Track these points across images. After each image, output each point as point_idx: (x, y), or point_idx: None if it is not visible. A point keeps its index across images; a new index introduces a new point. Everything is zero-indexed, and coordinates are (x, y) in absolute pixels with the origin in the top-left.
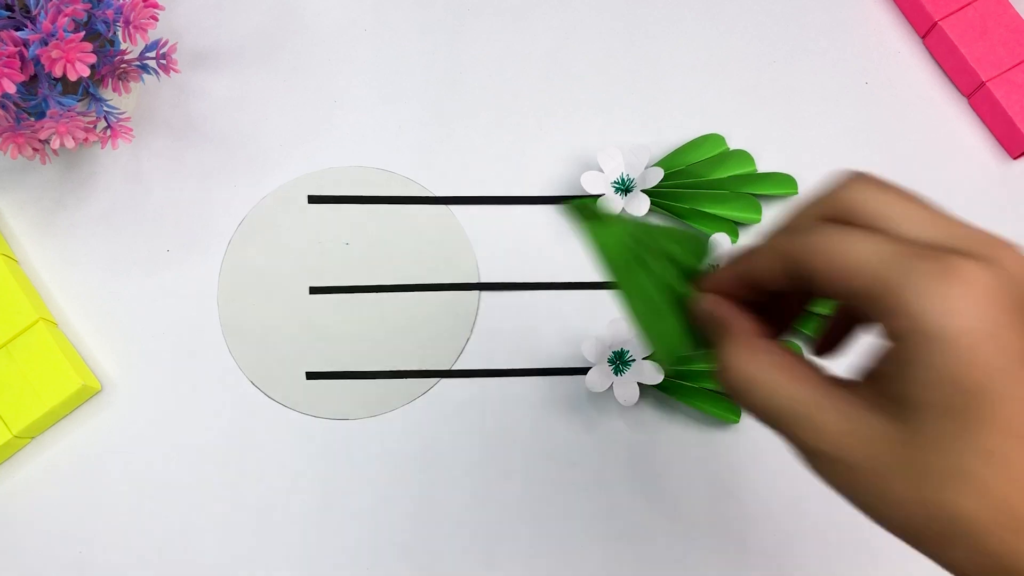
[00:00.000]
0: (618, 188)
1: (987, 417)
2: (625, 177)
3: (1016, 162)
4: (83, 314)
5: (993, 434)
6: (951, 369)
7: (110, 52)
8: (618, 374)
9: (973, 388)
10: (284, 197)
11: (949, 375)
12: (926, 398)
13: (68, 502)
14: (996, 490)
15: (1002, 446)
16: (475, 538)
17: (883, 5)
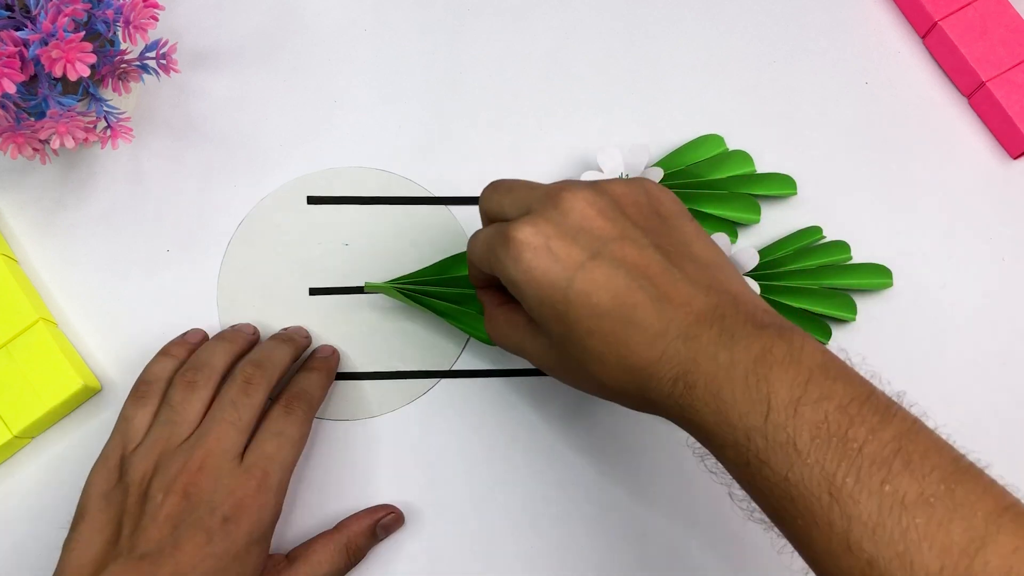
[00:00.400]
0: None
1: (571, 313)
2: (625, 177)
3: (1016, 162)
4: (83, 314)
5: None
6: (534, 297)
7: (110, 52)
8: None
9: (551, 301)
10: (284, 197)
11: (536, 302)
12: (539, 320)
13: (68, 502)
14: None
15: (597, 326)
16: (475, 538)
17: (883, 5)
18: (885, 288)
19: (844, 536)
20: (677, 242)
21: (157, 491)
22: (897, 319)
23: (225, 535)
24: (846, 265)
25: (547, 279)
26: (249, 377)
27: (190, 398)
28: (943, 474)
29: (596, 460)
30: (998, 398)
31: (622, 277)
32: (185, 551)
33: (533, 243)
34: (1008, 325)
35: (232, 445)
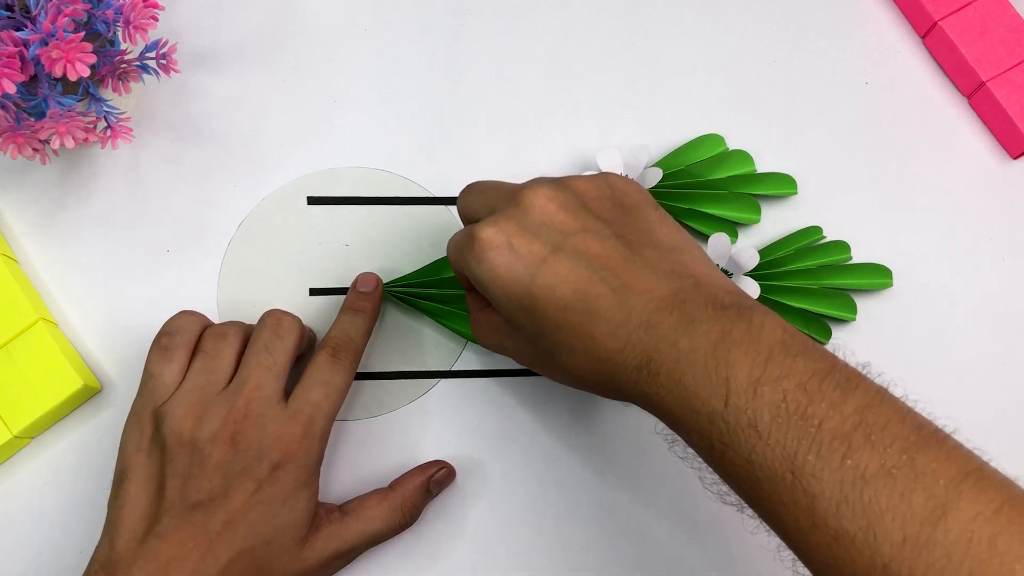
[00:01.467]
0: None
1: (537, 308)
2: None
3: (1016, 162)
4: (83, 314)
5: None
6: (501, 295)
7: (110, 52)
8: None
9: (517, 297)
10: (284, 197)
11: (504, 299)
12: (509, 317)
13: (68, 502)
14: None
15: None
16: (474, 538)
17: (883, 5)
18: (885, 288)
19: (809, 513)
20: (639, 230)
21: (204, 441)
22: (897, 319)
23: (273, 481)
24: (846, 265)
25: (511, 276)
26: (279, 319)
27: (222, 345)
28: (905, 444)
29: (596, 460)
30: (998, 398)
31: (583, 269)
32: (236, 499)
33: (495, 241)
34: (1008, 325)
35: (272, 390)
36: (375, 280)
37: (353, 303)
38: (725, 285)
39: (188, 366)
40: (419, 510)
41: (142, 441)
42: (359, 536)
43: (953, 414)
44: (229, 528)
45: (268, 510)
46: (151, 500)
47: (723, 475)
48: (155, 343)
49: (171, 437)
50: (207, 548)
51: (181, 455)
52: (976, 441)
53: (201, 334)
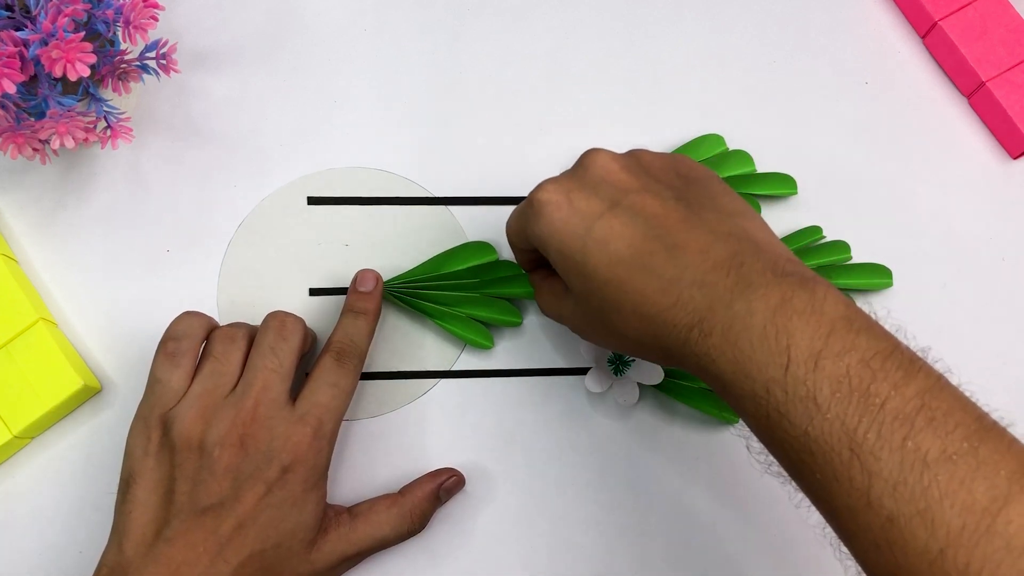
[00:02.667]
0: None
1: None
2: None
3: (1016, 162)
4: (83, 314)
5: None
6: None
7: (110, 52)
8: (618, 375)
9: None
10: (284, 198)
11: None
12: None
13: (68, 502)
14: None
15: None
16: (474, 538)
17: (883, 5)
18: (885, 288)
19: (864, 492)
20: (701, 195)
21: (213, 445)
22: (897, 319)
23: (283, 484)
24: (846, 265)
25: (567, 229)
26: (283, 321)
27: (230, 348)
28: (966, 432)
29: (596, 460)
30: (998, 398)
31: (639, 226)
32: (246, 502)
33: (554, 199)
34: (1008, 325)
35: (279, 393)
36: (375, 278)
37: (354, 304)
38: (785, 253)
39: (194, 369)
40: (428, 517)
41: (150, 445)
42: (367, 540)
43: None
44: (239, 531)
45: (278, 513)
46: (160, 504)
47: (773, 445)
48: (161, 347)
49: (180, 441)
50: (217, 552)
51: (190, 459)
52: None
53: (206, 336)
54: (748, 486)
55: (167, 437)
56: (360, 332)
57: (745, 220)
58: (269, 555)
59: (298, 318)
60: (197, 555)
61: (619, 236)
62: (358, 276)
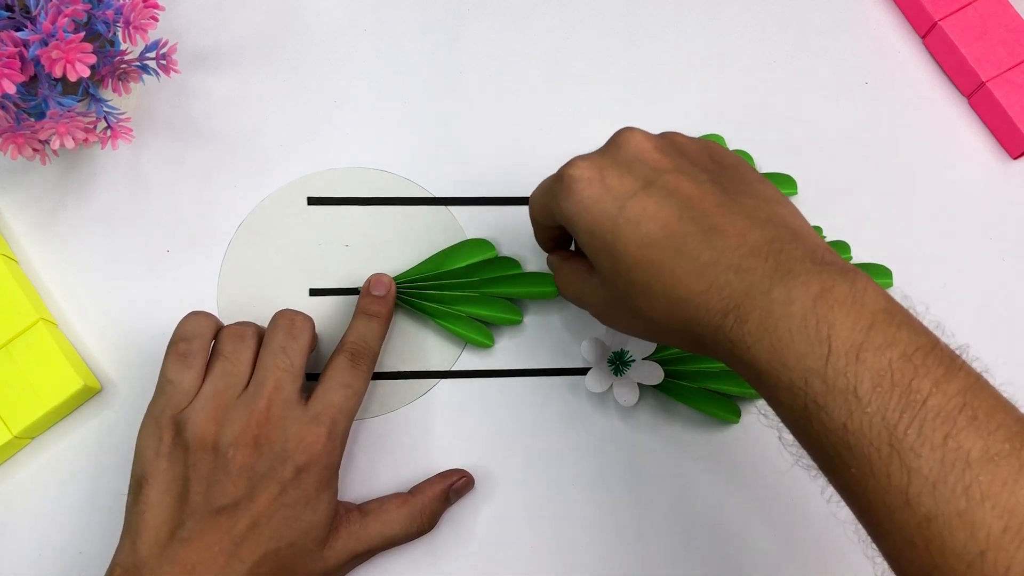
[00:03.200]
0: None
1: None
2: None
3: (1016, 162)
4: (83, 314)
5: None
6: (585, 229)
7: (110, 52)
8: (618, 374)
9: (601, 231)
10: (284, 198)
11: (587, 234)
12: (590, 254)
13: (68, 502)
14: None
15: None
16: (475, 538)
17: (883, 5)
18: (885, 288)
19: (903, 489)
20: (736, 180)
21: (227, 445)
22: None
23: (297, 484)
24: None
25: (598, 208)
26: (292, 319)
27: (240, 348)
28: (1008, 433)
29: (596, 460)
30: None
31: (674, 207)
32: (260, 502)
33: (586, 175)
34: (1008, 325)
35: (291, 392)
36: (388, 283)
37: (368, 307)
38: (822, 243)
39: (205, 369)
40: (437, 517)
41: (162, 446)
42: (377, 538)
43: None
44: (254, 531)
45: (292, 512)
46: (174, 504)
47: (807, 437)
48: (171, 348)
49: (194, 442)
50: (232, 551)
51: (204, 459)
52: None
53: (215, 335)
54: (748, 486)
55: (180, 438)
56: (373, 334)
57: (781, 207)
58: (284, 553)
59: (307, 316)
60: (212, 555)
61: (652, 216)
62: (372, 280)
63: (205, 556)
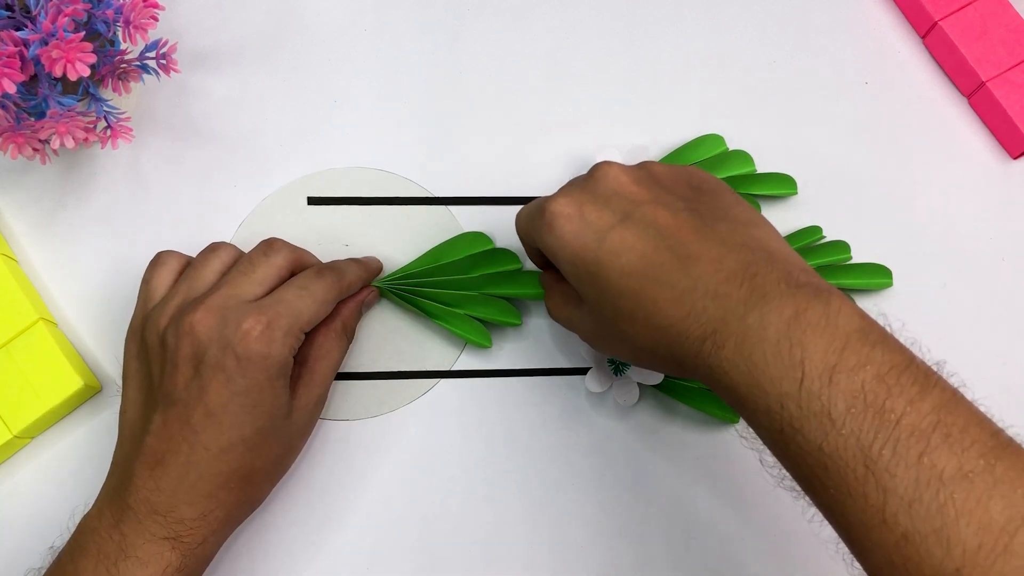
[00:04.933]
0: None
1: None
2: None
3: (1016, 162)
4: (83, 314)
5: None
6: (568, 262)
7: (110, 52)
8: (618, 375)
9: (584, 263)
10: (284, 198)
11: (571, 266)
12: (576, 285)
13: (68, 502)
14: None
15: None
16: (475, 538)
17: (883, 5)
18: (885, 288)
19: (879, 509)
20: (714, 207)
21: (171, 336)
22: (897, 319)
23: (243, 373)
24: (846, 265)
25: (579, 242)
26: (271, 241)
27: (210, 258)
28: (983, 449)
29: (596, 460)
30: (998, 398)
31: (651, 238)
32: (210, 391)
33: (566, 211)
34: (1008, 325)
35: (243, 291)
36: (379, 262)
37: (354, 257)
38: (799, 263)
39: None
40: (355, 327)
41: (134, 348)
42: (327, 373)
43: None
44: (211, 420)
45: (248, 400)
46: (143, 401)
47: (787, 460)
48: (152, 259)
49: (150, 338)
50: (194, 439)
51: (158, 353)
52: None
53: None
54: (748, 486)
55: (144, 337)
56: (349, 266)
57: (758, 230)
58: (253, 439)
59: (288, 243)
60: (176, 444)
61: (631, 248)
62: None
63: (170, 446)
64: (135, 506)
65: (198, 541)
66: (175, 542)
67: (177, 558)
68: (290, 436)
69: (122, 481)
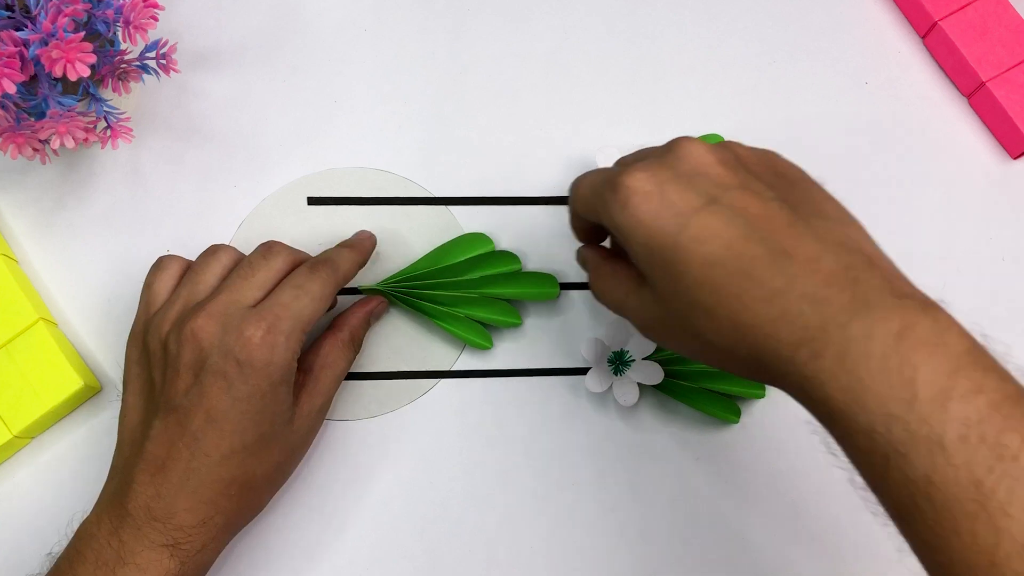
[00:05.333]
0: None
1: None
2: None
3: (1016, 162)
4: (83, 314)
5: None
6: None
7: (110, 52)
8: (618, 374)
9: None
10: (284, 198)
11: (644, 249)
12: (645, 270)
13: (68, 502)
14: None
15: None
16: (475, 538)
17: (883, 5)
18: None
19: (990, 551)
20: (805, 199)
21: (172, 343)
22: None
23: (244, 379)
24: None
25: (657, 224)
26: (270, 244)
27: (210, 261)
28: None
29: (596, 460)
30: None
31: (740, 227)
32: (210, 397)
33: (645, 188)
34: (1008, 325)
35: (243, 297)
36: (370, 233)
37: (345, 241)
38: (899, 272)
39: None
40: (362, 341)
41: (135, 353)
42: (331, 382)
43: None
44: (212, 426)
45: (250, 407)
46: (144, 406)
47: (883, 485)
48: (154, 263)
49: (152, 343)
50: (195, 445)
51: (160, 358)
52: None
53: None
54: (748, 486)
55: (146, 342)
56: (343, 256)
57: (851, 229)
58: (254, 445)
59: (288, 246)
60: (177, 450)
61: (717, 235)
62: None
63: (171, 451)
64: (134, 512)
65: (197, 548)
66: (174, 549)
67: (176, 565)
68: (292, 443)
69: (121, 487)
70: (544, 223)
